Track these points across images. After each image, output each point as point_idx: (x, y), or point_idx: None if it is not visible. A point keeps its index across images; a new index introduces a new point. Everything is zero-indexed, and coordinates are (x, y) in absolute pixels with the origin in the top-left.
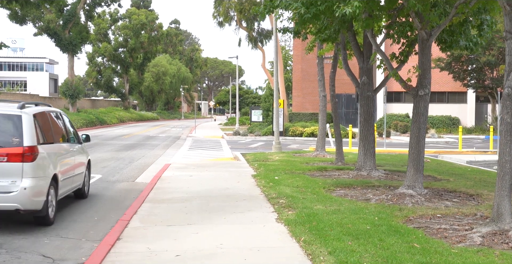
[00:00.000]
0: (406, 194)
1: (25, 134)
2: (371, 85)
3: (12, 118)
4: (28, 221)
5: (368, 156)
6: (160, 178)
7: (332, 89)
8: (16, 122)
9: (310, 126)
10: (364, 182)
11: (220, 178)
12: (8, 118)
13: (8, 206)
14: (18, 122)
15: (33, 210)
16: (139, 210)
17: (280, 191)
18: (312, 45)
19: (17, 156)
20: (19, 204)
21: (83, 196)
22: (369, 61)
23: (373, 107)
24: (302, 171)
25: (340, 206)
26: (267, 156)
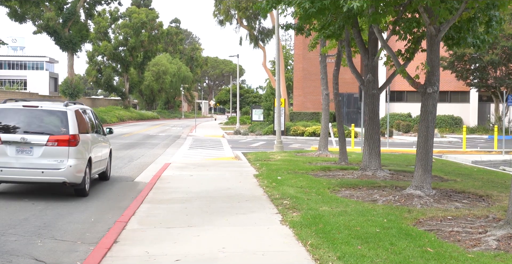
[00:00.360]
0: (414, 195)
1: (70, 125)
2: (376, 83)
3: (60, 114)
4: (20, 222)
5: (373, 156)
6: (159, 177)
7: (335, 87)
8: (63, 117)
9: (312, 126)
10: (369, 182)
11: (221, 178)
12: (56, 114)
13: (58, 179)
14: (64, 116)
15: (75, 183)
16: (137, 211)
17: (284, 191)
18: (315, 42)
19: (64, 142)
20: (65, 177)
21: (106, 178)
22: (374, 58)
23: (378, 106)
24: (305, 171)
25: (346, 207)
26: (268, 155)
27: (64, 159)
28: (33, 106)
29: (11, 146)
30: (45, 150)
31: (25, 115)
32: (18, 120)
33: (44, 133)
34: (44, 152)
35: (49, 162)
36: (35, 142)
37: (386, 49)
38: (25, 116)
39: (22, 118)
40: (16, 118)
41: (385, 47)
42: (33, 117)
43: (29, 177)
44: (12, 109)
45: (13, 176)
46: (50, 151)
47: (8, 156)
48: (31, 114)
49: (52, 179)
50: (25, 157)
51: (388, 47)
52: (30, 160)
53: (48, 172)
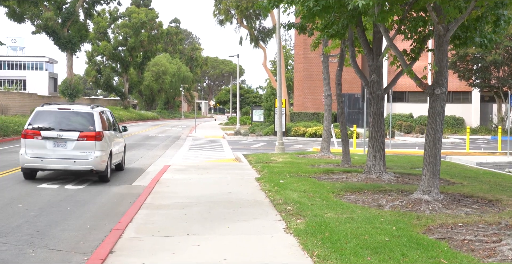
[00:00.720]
0: (421, 200)
1: (96, 124)
2: (381, 84)
3: (87, 115)
4: (12, 230)
5: (377, 158)
6: (158, 181)
7: (338, 87)
8: (90, 117)
9: (313, 126)
10: (374, 186)
11: (222, 181)
12: (85, 115)
13: (87, 167)
14: (91, 117)
15: (100, 171)
16: (135, 218)
17: (287, 196)
18: (317, 42)
19: (92, 137)
20: (93, 166)
21: (121, 169)
22: (378, 58)
23: (383, 107)
24: (308, 174)
25: (352, 213)
26: (270, 157)
27: (92, 151)
28: (66, 108)
29: (49, 141)
30: (76, 144)
31: (60, 116)
32: (54, 120)
33: (75, 130)
34: (76, 145)
35: (80, 154)
36: (68, 137)
37: (392, 49)
38: (60, 117)
39: (57, 118)
40: (53, 119)
41: (392, 47)
42: (66, 118)
43: (64, 166)
44: (49, 111)
45: (51, 164)
46: (80, 144)
47: (47, 149)
48: (64, 115)
49: (82, 167)
50: (60, 149)
51: (395, 47)
52: (64, 152)
53: (79, 161)
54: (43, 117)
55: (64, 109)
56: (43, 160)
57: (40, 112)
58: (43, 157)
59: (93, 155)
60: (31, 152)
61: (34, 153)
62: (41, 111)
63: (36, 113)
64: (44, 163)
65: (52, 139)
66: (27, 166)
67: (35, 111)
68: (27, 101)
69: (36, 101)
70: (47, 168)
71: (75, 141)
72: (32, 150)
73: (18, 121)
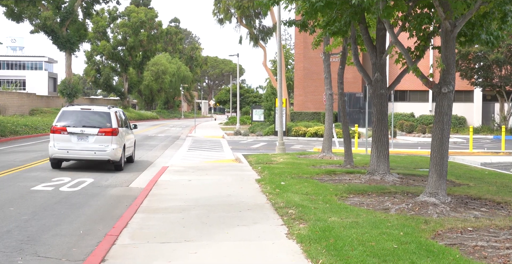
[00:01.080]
0: (428, 203)
1: (112, 121)
2: (384, 83)
3: (105, 114)
4: (2, 235)
5: (381, 159)
6: (156, 183)
7: (340, 87)
8: (107, 116)
9: (314, 126)
10: (379, 187)
11: (221, 183)
12: (103, 114)
13: (105, 157)
14: (108, 116)
15: (115, 161)
16: (130, 222)
17: (288, 199)
18: (319, 40)
19: (109, 132)
20: (110, 157)
21: (132, 161)
22: (382, 56)
23: (386, 107)
24: (309, 175)
25: (357, 217)
26: (270, 157)
27: (109, 144)
28: (87, 109)
29: (74, 135)
30: (96, 138)
31: (82, 115)
32: (77, 118)
33: (95, 126)
34: (96, 139)
35: (99, 146)
36: (89, 132)
37: (398, 46)
38: (82, 116)
39: (80, 117)
40: (76, 117)
41: (397, 44)
42: (87, 116)
43: (85, 156)
44: (73, 111)
45: (75, 155)
46: (99, 138)
47: (72, 142)
48: (86, 114)
49: (101, 157)
50: (83, 143)
51: (400, 44)
52: (86, 144)
53: (99, 153)
54: (68, 116)
55: (85, 109)
56: (68, 151)
57: (65, 111)
58: (68, 149)
59: (110, 147)
60: (58, 144)
61: (61, 146)
62: (66, 111)
63: (62, 113)
64: (70, 154)
65: (76, 134)
66: (55, 156)
67: (61, 111)
68: (26, 101)
69: (35, 101)
70: (71, 158)
71: (95, 135)
72: (59, 143)
73: (16, 121)
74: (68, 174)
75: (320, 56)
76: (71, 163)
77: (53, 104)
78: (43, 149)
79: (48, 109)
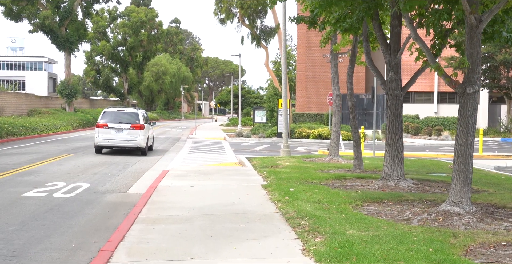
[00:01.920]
0: (452, 213)
1: (140, 119)
2: (399, 83)
3: (134, 114)
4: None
5: (395, 164)
6: (156, 188)
7: (350, 87)
8: (136, 115)
9: (317, 128)
10: (394, 194)
11: (226, 189)
12: (133, 114)
13: (134, 145)
14: (137, 115)
15: (142, 148)
16: (127, 235)
17: (300, 208)
18: (327, 38)
19: (138, 127)
20: (138, 145)
21: (151, 149)
22: (396, 54)
23: (401, 108)
24: (319, 180)
25: (378, 230)
26: (275, 161)
27: (138, 135)
28: (122, 110)
29: (113, 129)
30: (128, 131)
31: (118, 114)
32: (115, 117)
33: (128, 123)
34: (128, 132)
35: (130, 137)
36: (124, 127)
37: (418, 43)
38: (118, 115)
39: (117, 116)
40: (114, 116)
41: (418, 41)
42: (122, 116)
43: (121, 144)
44: (112, 111)
45: (113, 143)
46: (131, 131)
47: (111, 134)
48: (121, 114)
49: (131, 145)
50: (119, 134)
51: (421, 40)
52: (121, 136)
53: (130, 142)
54: (108, 115)
55: (120, 111)
56: (109, 141)
57: (106, 112)
58: (109, 139)
59: (139, 138)
60: (101, 136)
61: (104, 137)
62: (107, 112)
63: (103, 113)
64: (109, 142)
65: (114, 128)
66: (99, 144)
67: (103, 112)
68: (24, 102)
69: (33, 102)
70: (110, 145)
71: (128, 129)
72: (102, 134)
73: (13, 122)
74: (64, 178)
75: (323, 56)
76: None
77: (52, 105)
78: (39, 151)
79: (46, 110)
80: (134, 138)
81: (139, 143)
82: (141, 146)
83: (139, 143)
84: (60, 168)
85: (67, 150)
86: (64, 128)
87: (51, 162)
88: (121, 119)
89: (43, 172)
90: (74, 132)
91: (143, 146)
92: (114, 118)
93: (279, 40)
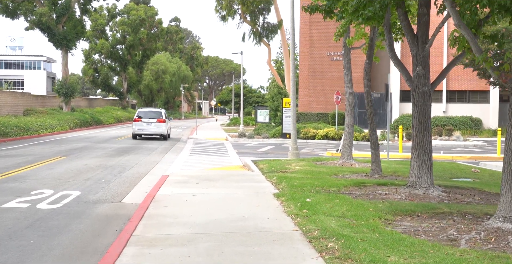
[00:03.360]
0: (504, 230)
1: (163, 115)
2: (427, 78)
3: (160, 112)
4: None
5: (423, 170)
6: (154, 198)
7: (367, 84)
8: (161, 112)
9: (324, 128)
10: (427, 206)
11: (233, 199)
12: (158, 112)
13: (159, 134)
14: (161, 112)
15: (164, 135)
16: (118, 262)
17: (323, 224)
18: (343, 30)
19: (161, 121)
20: (162, 133)
21: (169, 137)
22: (425, 47)
23: (430, 107)
24: (336, 188)
25: (424, 256)
26: (284, 164)
27: (162, 127)
28: (150, 109)
29: (144, 122)
30: (155, 124)
31: (148, 112)
32: (146, 114)
33: (155, 118)
34: (155, 124)
35: (157, 128)
36: (152, 121)
37: (462, 29)
38: (148, 113)
39: (147, 113)
40: (145, 113)
41: (461, 27)
42: (151, 113)
43: (150, 132)
44: (144, 110)
45: (145, 132)
46: (157, 124)
47: (143, 126)
48: (150, 112)
49: (157, 133)
50: (149, 126)
51: (465, 27)
52: (151, 127)
53: (156, 131)
54: (141, 113)
55: (150, 110)
56: (142, 130)
57: (140, 111)
58: (142, 129)
59: (162, 128)
60: (137, 127)
61: (138, 128)
62: (140, 111)
63: (138, 111)
64: (142, 131)
65: (145, 122)
66: (135, 133)
67: (138, 111)
68: (20, 101)
69: (30, 101)
70: (143, 133)
71: (155, 122)
72: (138, 126)
73: (6, 122)
74: (53, 184)
75: (327, 54)
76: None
77: (49, 104)
78: (31, 153)
79: (43, 109)
80: (159, 128)
81: (162, 131)
82: (164, 133)
83: (163, 131)
84: (51, 172)
85: (60, 152)
86: (61, 129)
87: (41, 165)
88: (150, 115)
89: (31, 177)
90: (71, 132)
91: (165, 133)
92: (145, 115)
93: (282, 37)
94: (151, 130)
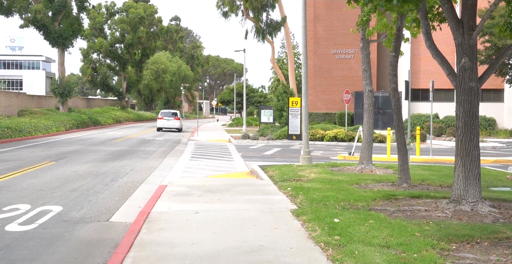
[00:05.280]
0: None
1: (178, 114)
2: (474, 72)
3: (176, 112)
4: None
5: (470, 181)
6: (148, 217)
7: (393, 80)
8: (176, 113)
9: (332, 129)
10: (484, 229)
11: (243, 218)
12: (175, 112)
13: (176, 128)
14: (176, 113)
15: (179, 128)
16: None
17: (365, 260)
18: (366, 19)
19: (178, 118)
20: (178, 127)
21: (182, 130)
22: (472, 34)
23: (478, 106)
24: (365, 203)
25: None
26: (297, 171)
27: (178, 123)
28: (169, 110)
29: (166, 120)
30: (173, 121)
31: (167, 113)
32: (167, 113)
33: (172, 116)
34: (173, 121)
35: (174, 123)
36: (171, 119)
37: None
38: (168, 113)
39: (166, 113)
40: (166, 113)
41: None
42: (170, 113)
43: (169, 127)
44: (164, 111)
45: (166, 126)
46: (174, 121)
47: (165, 122)
48: (169, 112)
49: (174, 127)
50: (168, 122)
51: None
52: (170, 123)
53: (174, 125)
54: (163, 113)
55: (169, 111)
56: (163, 125)
57: (162, 111)
58: (163, 124)
59: (178, 123)
60: (160, 123)
61: (161, 123)
62: (162, 111)
63: (161, 112)
64: (164, 126)
65: (166, 119)
66: (159, 126)
67: (160, 112)
68: (14, 101)
69: (25, 101)
70: (164, 127)
71: (173, 119)
72: (160, 122)
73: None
74: (32, 197)
75: (332, 52)
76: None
77: (46, 104)
78: (18, 157)
79: (38, 109)
80: (175, 124)
81: (178, 126)
82: (179, 127)
83: (178, 126)
84: (34, 181)
85: (50, 156)
86: (56, 130)
87: (25, 172)
88: (169, 114)
89: (9, 188)
90: (67, 133)
91: (180, 127)
92: (165, 114)
93: (286, 34)
94: (170, 125)
